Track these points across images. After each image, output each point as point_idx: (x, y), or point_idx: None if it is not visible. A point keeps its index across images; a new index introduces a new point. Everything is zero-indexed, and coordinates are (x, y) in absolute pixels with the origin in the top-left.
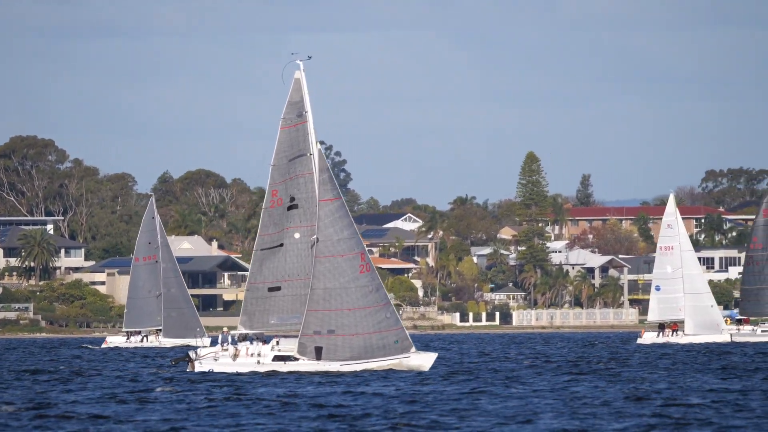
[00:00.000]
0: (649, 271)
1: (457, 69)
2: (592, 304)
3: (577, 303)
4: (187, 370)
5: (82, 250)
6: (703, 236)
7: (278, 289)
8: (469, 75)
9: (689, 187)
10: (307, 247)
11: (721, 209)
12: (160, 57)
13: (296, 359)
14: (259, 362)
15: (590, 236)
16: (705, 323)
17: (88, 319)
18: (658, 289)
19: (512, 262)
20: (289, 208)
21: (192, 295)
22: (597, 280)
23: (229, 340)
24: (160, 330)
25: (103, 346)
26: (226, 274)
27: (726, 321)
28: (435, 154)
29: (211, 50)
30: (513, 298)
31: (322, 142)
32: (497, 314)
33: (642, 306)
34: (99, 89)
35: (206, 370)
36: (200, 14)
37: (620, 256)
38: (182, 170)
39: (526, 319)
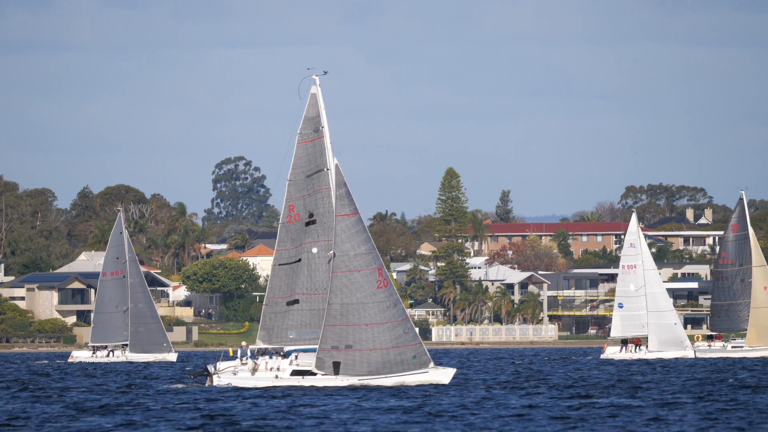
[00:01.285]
0: (569, 287)
1: (376, 85)
2: (512, 320)
3: (497, 319)
4: (206, 385)
5: (2, 265)
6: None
7: (296, 302)
8: (388, 91)
9: (609, 203)
10: (324, 262)
11: (641, 225)
12: (80, 72)
13: (314, 374)
14: (277, 377)
15: (510, 252)
16: (669, 340)
17: (8, 335)
18: (621, 306)
19: (432, 278)
20: (308, 223)
21: None
22: (516, 296)
23: (248, 354)
24: (126, 345)
25: (69, 360)
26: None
27: (698, 338)
28: (355, 169)
29: (132, 66)
30: (432, 314)
31: (241, 158)
32: (417, 330)
33: (561, 322)
34: (17, 104)
35: (225, 385)
36: (117, 29)
37: (540, 272)
38: (102, 185)
39: (445, 334)
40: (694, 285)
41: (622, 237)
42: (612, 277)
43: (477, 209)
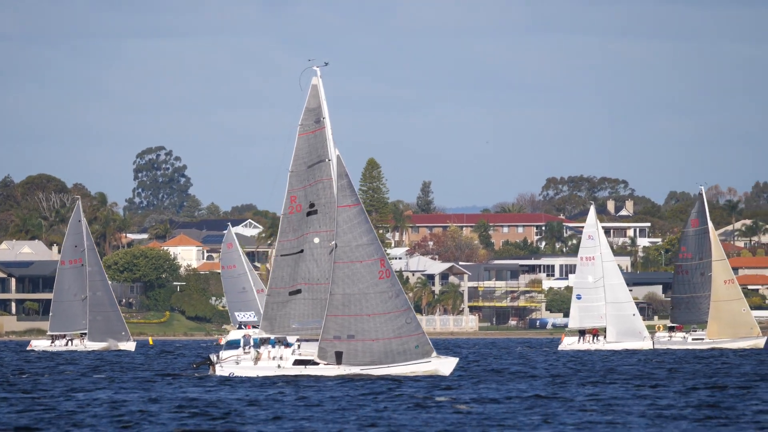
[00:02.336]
0: (489, 279)
1: (293, 74)
2: (432, 311)
3: (417, 309)
4: (208, 373)
5: None
6: (543, 244)
7: (299, 292)
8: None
9: (530, 195)
10: (326, 252)
11: (562, 217)
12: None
13: (316, 363)
14: (279, 366)
15: (431, 243)
16: (627, 331)
17: None
18: (579, 297)
19: None
20: (309, 213)
21: (32, 300)
22: (437, 287)
23: (251, 343)
24: (85, 334)
25: (28, 349)
26: None
27: (659, 328)
28: (274, 159)
29: (53, 55)
30: None
31: (162, 148)
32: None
33: (482, 313)
34: None
35: (227, 374)
36: (38, 18)
37: (460, 263)
38: (23, 175)
39: None
40: None
41: (544, 228)
42: (533, 269)
43: (398, 200)
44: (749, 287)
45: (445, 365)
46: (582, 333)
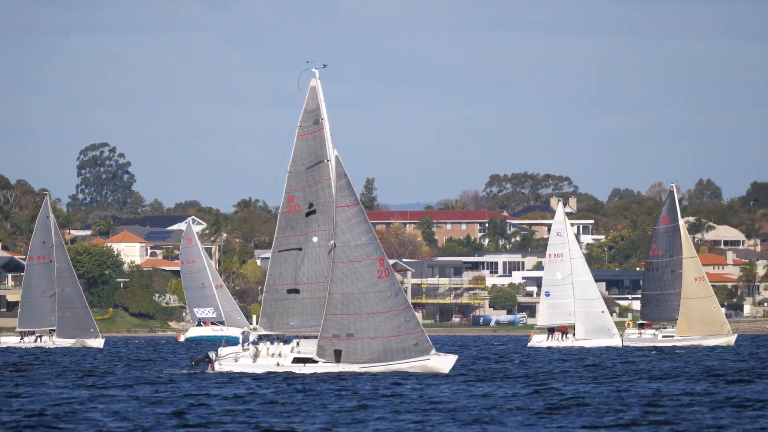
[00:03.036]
0: (433, 275)
1: (237, 71)
2: None
3: None
4: (207, 371)
5: None
6: (487, 241)
7: (297, 291)
8: (248, 77)
9: (473, 192)
10: (324, 251)
11: (506, 214)
12: None
13: (315, 361)
14: (278, 364)
15: None
16: (596, 328)
17: None
18: (547, 294)
19: None
20: (308, 214)
21: None
22: None
23: (250, 339)
24: (53, 330)
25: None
26: (9, 275)
27: (628, 325)
28: (218, 156)
29: None
30: None
31: (105, 144)
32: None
33: (426, 310)
34: None
35: (226, 371)
36: None
37: (404, 259)
38: None
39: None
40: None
41: (487, 225)
42: (476, 266)
43: None
44: None
45: (444, 362)
46: (551, 331)
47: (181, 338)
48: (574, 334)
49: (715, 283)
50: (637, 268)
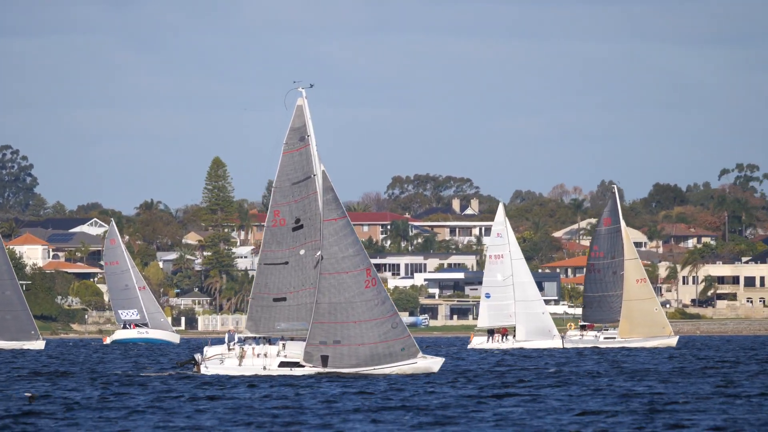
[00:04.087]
0: None
1: (135, 73)
2: None
3: None
4: (192, 372)
5: None
6: (389, 242)
7: (284, 299)
8: (147, 79)
9: (375, 193)
10: (311, 261)
11: (408, 215)
12: None
13: (302, 366)
14: (265, 368)
15: None
16: (537, 330)
17: None
18: (488, 296)
19: (198, 268)
20: (294, 229)
21: None
22: None
23: (236, 339)
24: None
25: None
26: None
27: (570, 326)
28: (120, 158)
29: None
30: (198, 303)
31: (8, 146)
32: (183, 319)
33: None
34: None
35: (212, 374)
36: None
37: None
38: None
39: (211, 323)
40: (461, 275)
41: (389, 227)
42: (378, 267)
43: (243, 199)
44: None
45: (431, 364)
46: (491, 332)
47: (107, 340)
48: (514, 336)
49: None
50: (539, 270)
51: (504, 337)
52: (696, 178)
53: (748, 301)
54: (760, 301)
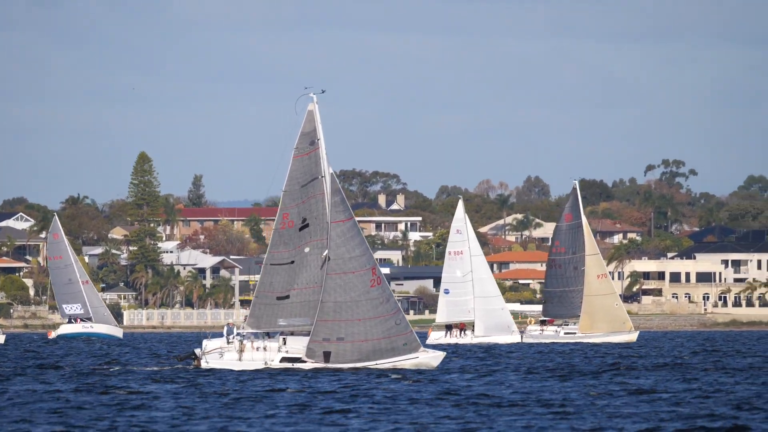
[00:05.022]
0: (260, 272)
1: (61, 68)
2: (203, 304)
3: (189, 303)
4: (192, 366)
5: None
6: None
7: (287, 297)
8: (78, 75)
9: None
10: (315, 259)
11: None
12: None
13: (304, 361)
14: (266, 363)
15: (202, 237)
16: (496, 325)
17: None
18: (447, 292)
19: (124, 262)
20: (301, 228)
21: None
22: (208, 281)
23: (234, 332)
24: None
25: None
26: None
27: (530, 321)
28: (46, 153)
29: None
30: (124, 298)
31: None
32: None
33: None
34: None
35: (213, 368)
36: None
37: (231, 256)
38: None
39: (137, 318)
40: (386, 270)
41: None
42: None
43: (169, 193)
44: (520, 282)
45: (432, 359)
46: (449, 328)
47: (52, 335)
48: (473, 331)
49: (543, 280)
50: None
51: (462, 332)
52: (622, 173)
53: (673, 296)
54: (686, 296)
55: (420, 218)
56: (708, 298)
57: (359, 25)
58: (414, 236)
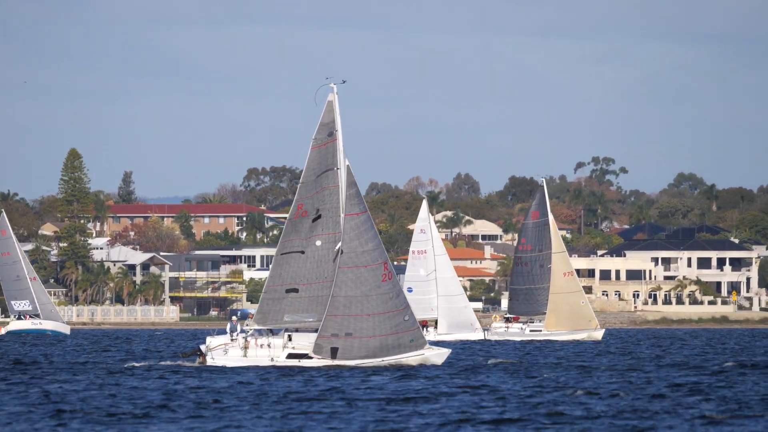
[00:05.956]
0: (190, 269)
1: None
2: (134, 301)
3: (119, 300)
4: (197, 363)
5: None
6: (244, 234)
7: (295, 291)
8: (5, 70)
9: (231, 186)
10: (327, 253)
11: (263, 208)
12: None
13: (310, 357)
14: (272, 359)
15: (132, 233)
16: (459, 323)
17: None
18: (410, 290)
19: (54, 259)
20: (314, 219)
21: None
22: (138, 277)
23: (238, 329)
24: None
25: None
26: None
27: (495, 318)
28: None
29: None
30: (54, 295)
31: None
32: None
33: (183, 303)
34: None
35: (219, 365)
36: None
37: (162, 253)
38: None
39: (67, 315)
40: None
41: (245, 219)
42: (233, 259)
43: (99, 190)
44: None
45: (437, 356)
46: None
47: (2, 331)
48: (435, 328)
49: (473, 277)
50: (394, 262)
51: (425, 329)
52: (552, 171)
53: (603, 294)
54: (616, 294)
55: None
56: (638, 295)
57: (285, 20)
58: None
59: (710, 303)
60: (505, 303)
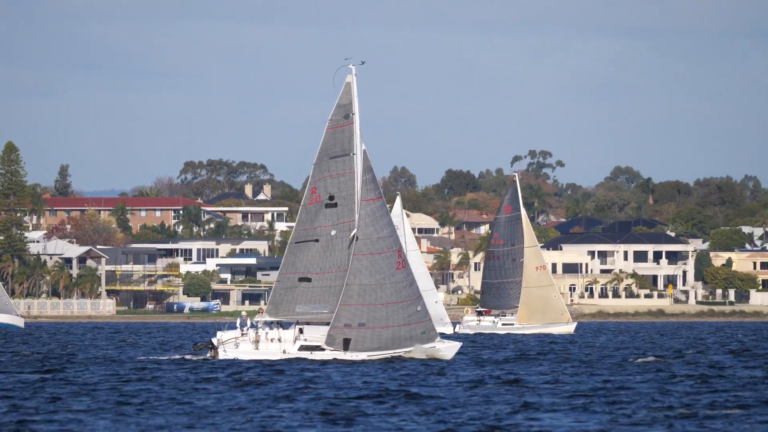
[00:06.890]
0: (127, 262)
1: None
2: (70, 294)
3: (55, 293)
4: (208, 356)
5: None
6: (181, 228)
7: (308, 280)
8: None
9: (168, 179)
10: (341, 243)
11: (200, 201)
12: None
13: (323, 349)
14: (284, 351)
15: (68, 227)
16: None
17: None
18: None
19: None
20: (327, 205)
21: None
22: (75, 271)
23: (248, 323)
24: None
25: None
26: None
27: (467, 311)
28: None
29: None
30: None
31: None
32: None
33: (120, 297)
34: None
35: (231, 358)
36: None
37: (98, 246)
38: None
39: None
40: (252, 261)
41: (181, 212)
42: (170, 252)
43: (36, 183)
44: None
45: (448, 349)
46: None
47: None
48: None
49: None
50: None
51: None
52: (488, 164)
53: None
54: None
55: (286, 208)
56: (574, 289)
57: (227, 16)
58: (281, 226)
59: (647, 296)
60: (441, 296)
